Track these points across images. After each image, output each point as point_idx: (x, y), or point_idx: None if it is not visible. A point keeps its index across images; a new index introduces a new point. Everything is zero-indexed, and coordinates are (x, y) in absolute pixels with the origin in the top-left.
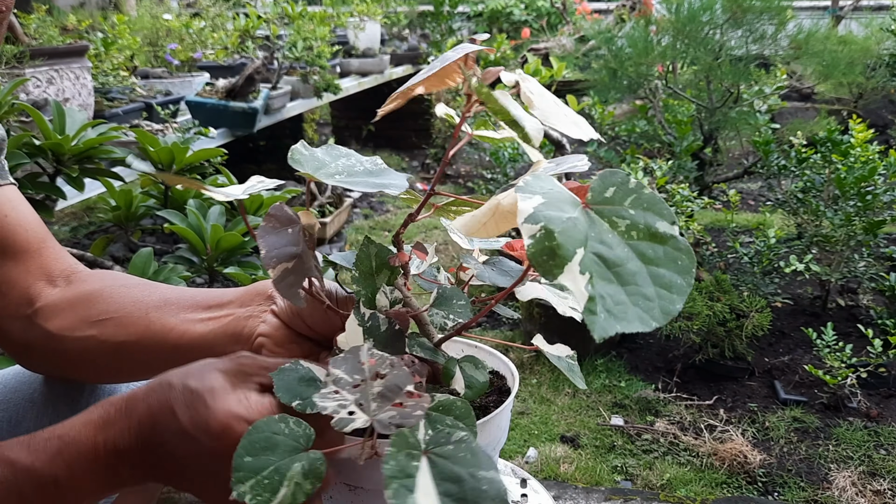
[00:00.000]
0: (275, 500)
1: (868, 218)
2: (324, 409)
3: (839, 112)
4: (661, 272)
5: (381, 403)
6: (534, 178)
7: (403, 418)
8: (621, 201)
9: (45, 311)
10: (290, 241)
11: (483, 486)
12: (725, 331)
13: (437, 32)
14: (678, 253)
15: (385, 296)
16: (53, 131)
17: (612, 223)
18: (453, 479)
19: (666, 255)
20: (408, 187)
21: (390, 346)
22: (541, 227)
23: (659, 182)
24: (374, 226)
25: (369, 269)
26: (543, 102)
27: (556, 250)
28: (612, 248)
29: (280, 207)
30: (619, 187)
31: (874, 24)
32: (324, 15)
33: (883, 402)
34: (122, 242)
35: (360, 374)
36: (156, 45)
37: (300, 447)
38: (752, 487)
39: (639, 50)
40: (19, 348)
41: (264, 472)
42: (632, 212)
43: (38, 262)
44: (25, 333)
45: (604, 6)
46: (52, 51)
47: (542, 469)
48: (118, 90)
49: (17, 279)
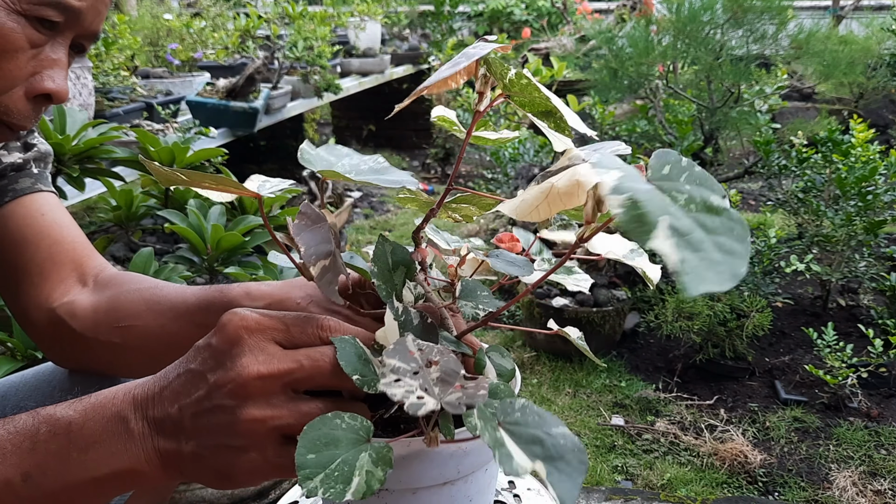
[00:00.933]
0: (350, 491)
1: (869, 218)
2: (394, 396)
3: (840, 112)
4: (722, 240)
5: (443, 387)
6: (603, 156)
7: (470, 398)
8: (677, 177)
9: (71, 308)
10: (324, 238)
11: (560, 440)
12: (726, 331)
13: (437, 32)
14: (732, 223)
15: (410, 291)
16: (54, 131)
17: (672, 197)
18: (535, 441)
19: (723, 224)
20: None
21: (424, 339)
22: (627, 197)
23: None
24: (375, 226)
25: (387, 266)
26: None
27: (645, 217)
28: (678, 219)
29: (309, 206)
30: (673, 165)
31: (875, 24)
32: (324, 15)
33: (883, 402)
34: (122, 242)
35: (414, 362)
36: (156, 45)
37: (362, 439)
38: (753, 487)
39: (639, 50)
40: (46, 339)
41: (332, 465)
42: (688, 187)
43: (72, 257)
44: (51, 326)
45: (604, 6)
46: None
47: None
48: (119, 90)
49: (48, 273)
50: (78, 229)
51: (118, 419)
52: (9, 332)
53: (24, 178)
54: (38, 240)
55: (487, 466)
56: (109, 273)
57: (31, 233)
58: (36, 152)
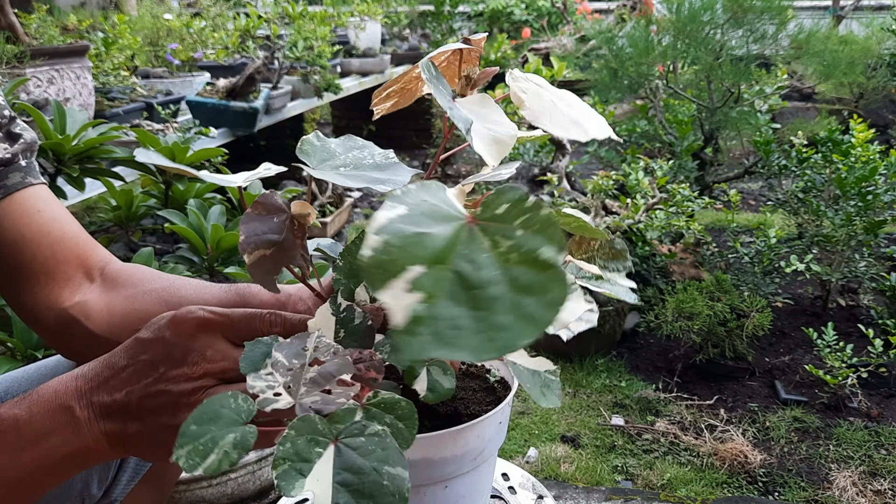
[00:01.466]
0: (202, 465)
1: (869, 218)
2: (251, 388)
3: (840, 112)
4: (527, 301)
5: (309, 388)
6: (418, 186)
7: (325, 404)
8: (512, 220)
9: (83, 308)
10: (273, 228)
11: (384, 480)
12: (726, 331)
13: (437, 32)
14: (553, 284)
15: (366, 290)
16: (54, 131)
17: (493, 242)
18: (355, 471)
19: (540, 283)
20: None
21: (360, 340)
22: (382, 239)
23: (660, 182)
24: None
25: (354, 263)
26: (537, 103)
27: (387, 265)
28: (479, 269)
29: (269, 196)
30: (513, 204)
31: (875, 24)
32: (324, 15)
33: (883, 402)
34: (122, 242)
35: (299, 358)
36: (156, 45)
37: (240, 421)
38: (753, 487)
39: (639, 50)
40: (58, 338)
41: (202, 439)
42: (519, 232)
43: (75, 253)
44: (63, 325)
45: (604, 6)
46: (53, 51)
47: (542, 469)
48: (119, 90)
49: (54, 271)
50: (75, 222)
51: (63, 410)
52: (9, 332)
53: (13, 174)
54: (38, 238)
55: (477, 468)
56: (117, 267)
57: (30, 231)
58: (23, 143)
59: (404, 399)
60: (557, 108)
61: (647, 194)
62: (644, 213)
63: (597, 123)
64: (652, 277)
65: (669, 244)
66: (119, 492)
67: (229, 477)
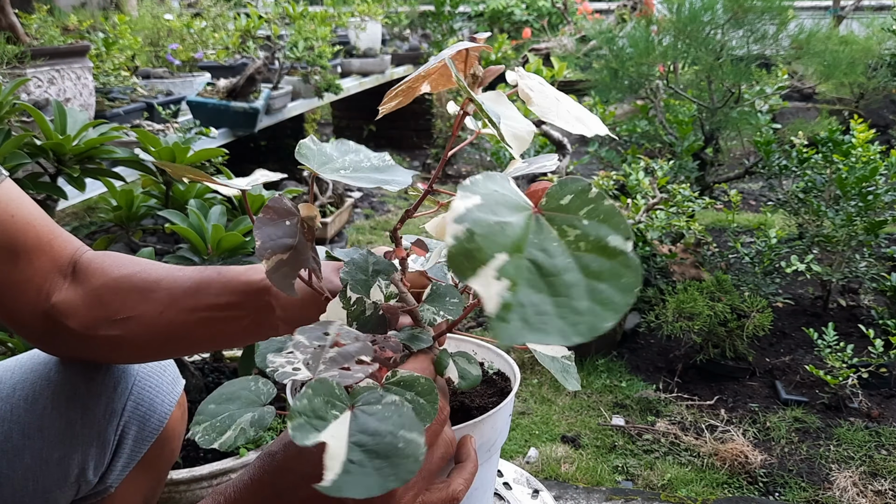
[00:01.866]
0: (219, 441)
1: (869, 218)
2: (271, 363)
3: (840, 112)
4: (602, 287)
5: (328, 366)
6: (485, 177)
7: (343, 378)
8: (577, 210)
9: (62, 308)
10: (287, 232)
11: (400, 444)
12: (726, 331)
13: (438, 32)
14: (625, 269)
15: (380, 290)
16: (54, 131)
17: (561, 231)
18: (370, 433)
19: (612, 270)
20: (410, 184)
21: (372, 330)
22: (465, 228)
23: (660, 182)
24: (375, 226)
25: (364, 271)
26: (543, 99)
27: (474, 253)
28: (552, 257)
29: (279, 200)
30: (577, 195)
31: (875, 24)
32: (325, 15)
33: (884, 403)
34: (123, 242)
35: (320, 341)
36: (157, 45)
37: (259, 402)
38: (753, 488)
39: (640, 50)
40: (41, 340)
41: (219, 417)
42: (585, 222)
43: (50, 255)
44: (46, 327)
45: (605, 6)
46: (54, 51)
47: (542, 469)
48: (119, 90)
49: (31, 277)
50: (48, 219)
51: None
52: (9, 332)
53: None
54: (15, 246)
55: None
56: (87, 257)
57: (6, 239)
58: None
59: (423, 376)
60: (562, 105)
61: (648, 194)
62: (644, 213)
63: (596, 122)
64: (652, 277)
65: (670, 244)
66: (114, 478)
67: (229, 477)
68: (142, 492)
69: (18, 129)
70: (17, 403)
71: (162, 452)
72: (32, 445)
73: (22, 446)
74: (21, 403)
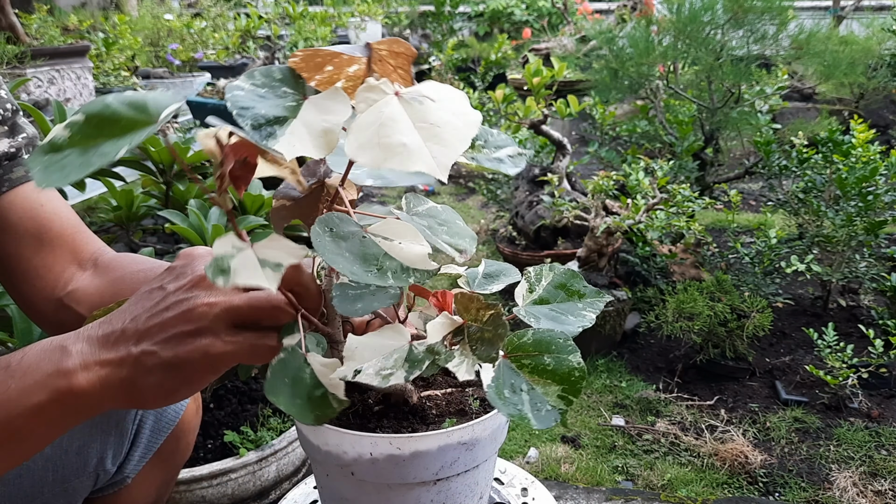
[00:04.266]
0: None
1: (869, 218)
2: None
3: (840, 112)
4: None
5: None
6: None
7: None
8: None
9: (76, 295)
10: (304, 188)
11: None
12: (726, 331)
13: (438, 32)
14: None
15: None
16: None
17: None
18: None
19: None
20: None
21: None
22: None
23: (660, 182)
24: None
25: None
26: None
27: None
28: None
29: (314, 163)
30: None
31: (875, 25)
32: (325, 15)
33: (884, 403)
34: (123, 242)
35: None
36: (157, 46)
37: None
38: (753, 488)
39: (640, 50)
40: (53, 327)
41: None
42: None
43: (71, 247)
44: (58, 314)
45: (605, 6)
46: (54, 51)
47: (542, 469)
48: (119, 90)
49: (52, 265)
50: (73, 214)
51: (57, 347)
52: (9, 332)
53: (17, 168)
54: (40, 233)
55: (477, 466)
56: (110, 256)
57: (34, 226)
58: (24, 138)
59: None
60: (398, 126)
61: (648, 194)
62: (644, 213)
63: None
64: (652, 278)
65: (670, 244)
66: (132, 468)
67: (230, 477)
68: (156, 484)
69: None
70: None
71: (177, 446)
72: None
73: None
74: None
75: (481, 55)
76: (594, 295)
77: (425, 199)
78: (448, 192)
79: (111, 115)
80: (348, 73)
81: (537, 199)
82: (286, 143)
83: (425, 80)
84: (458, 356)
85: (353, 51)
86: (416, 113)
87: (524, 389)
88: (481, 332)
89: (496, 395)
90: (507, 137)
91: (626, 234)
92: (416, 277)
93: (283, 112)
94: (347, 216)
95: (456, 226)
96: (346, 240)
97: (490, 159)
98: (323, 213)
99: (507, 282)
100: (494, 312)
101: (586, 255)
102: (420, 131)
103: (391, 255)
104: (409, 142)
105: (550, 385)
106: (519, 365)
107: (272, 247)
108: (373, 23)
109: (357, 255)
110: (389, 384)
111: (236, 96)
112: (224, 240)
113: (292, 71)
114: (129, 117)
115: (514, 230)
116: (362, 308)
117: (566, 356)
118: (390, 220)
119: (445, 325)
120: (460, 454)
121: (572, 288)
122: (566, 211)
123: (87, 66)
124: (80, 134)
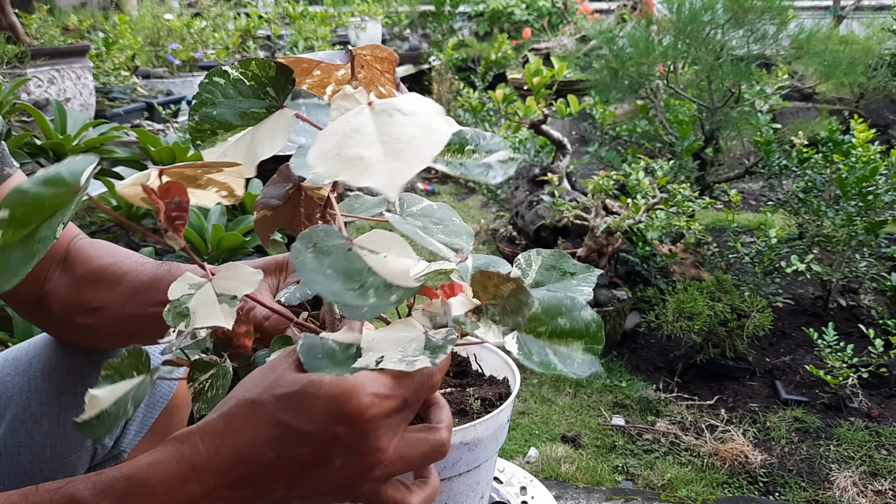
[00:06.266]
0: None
1: (869, 218)
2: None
3: (840, 112)
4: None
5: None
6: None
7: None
8: None
9: (50, 295)
10: (278, 195)
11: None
12: (727, 331)
13: (438, 32)
14: None
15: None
16: (55, 131)
17: None
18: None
19: None
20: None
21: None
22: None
23: (660, 182)
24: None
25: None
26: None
27: None
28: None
29: (287, 167)
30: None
31: (875, 24)
32: (325, 15)
33: (884, 403)
34: (123, 242)
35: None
36: (157, 45)
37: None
38: (753, 487)
39: (640, 50)
40: (37, 320)
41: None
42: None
43: (53, 244)
44: (39, 310)
45: (605, 6)
46: (54, 51)
47: (542, 469)
48: (119, 90)
49: (38, 264)
50: None
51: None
52: (9, 332)
53: None
54: None
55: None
56: (77, 245)
57: None
58: None
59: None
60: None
61: (648, 194)
62: (644, 213)
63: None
64: (652, 277)
65: (670, 244)
66: (127, 442)
67: None
68: None
69: (19, 128)
70: (34, 375)
71: (171, 421)
72: (50, 412)
73: (40, 414)
74: (38, 374)
75: (481, 55)
76: (585, 270)
77: (421, 198)
78: (448, 192)
79: (33, 200)
80: (337, 76)
81: (537, 198)
82: (217, 152)
83: (415, 89)
84: (484, 325)
85: (332, 58)
86: (383, 126)
87: (550, 352)
88: (504, 307)
89: (526, 358)
90: (501, 141)
91: (626, 233)
92: (397, 295)
93: (237, 120)
94: (333, 228)
95: (452, 223)
96: (330, 255)
97: (479, 165)
98: (304, 217)
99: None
100: (516, 285)
101: (586, 255)
102: (383, 145)
103: (375, 270)
104: (367, 155)
105: (573, 342)
106: (536, 334)
107: (228, 277)
108: (373, 22)
109: (339, 272)
110: (416, 369)
111: (209, 85)
112: (179, 283)
113: (287, 70)
114: (52, 195)
115: (514, 230)
116: (369, 311)
117: (578, 312)
118: (377, 231)
119: (465, 304)
120: (462, 454)
121: (563, 268)
122: (566, 211)
123: (87, 66)
124: (10, 230)
